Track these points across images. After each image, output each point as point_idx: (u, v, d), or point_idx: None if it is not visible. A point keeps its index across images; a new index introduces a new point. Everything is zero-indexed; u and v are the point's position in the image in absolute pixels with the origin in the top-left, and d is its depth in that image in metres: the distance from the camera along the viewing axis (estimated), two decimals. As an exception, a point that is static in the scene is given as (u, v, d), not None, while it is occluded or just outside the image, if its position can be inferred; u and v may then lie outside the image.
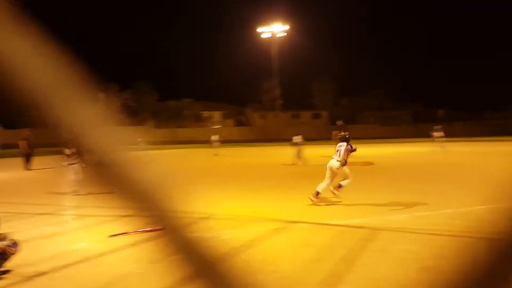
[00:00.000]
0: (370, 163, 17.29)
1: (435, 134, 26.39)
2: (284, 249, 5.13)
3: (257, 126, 63.66)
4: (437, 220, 6.34)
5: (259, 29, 55.17)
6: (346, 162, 8.10)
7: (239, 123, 67.05)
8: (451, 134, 47.46)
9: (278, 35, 54.54)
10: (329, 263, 4.49)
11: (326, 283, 3.98)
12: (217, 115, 67.66)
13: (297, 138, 17.95)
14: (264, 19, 53.83)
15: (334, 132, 21.42)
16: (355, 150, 8.31)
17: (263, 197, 9.14)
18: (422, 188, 9.81)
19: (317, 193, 8.00)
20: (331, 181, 8.17)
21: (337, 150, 8.22)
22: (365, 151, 23.01)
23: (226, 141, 42.75)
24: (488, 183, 10.62)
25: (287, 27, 53.69)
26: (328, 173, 8.19)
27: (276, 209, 7.69)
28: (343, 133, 8.49)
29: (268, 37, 55.47)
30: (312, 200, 7.97)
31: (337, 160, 8.10)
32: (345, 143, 8.20)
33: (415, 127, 57.14)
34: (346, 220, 6.55)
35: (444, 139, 25.85)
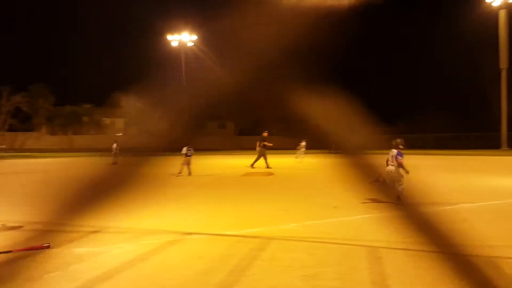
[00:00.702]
0: (270, 174, 17.92)
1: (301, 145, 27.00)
2: (176, 262, 5.08)
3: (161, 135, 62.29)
4: (323, 229, 6.74)
5: (168, 37, 54.34)
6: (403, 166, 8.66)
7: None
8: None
9: (188, 44, 54.19)
10: (220, 274, 4.55)
11: (214, 294, 4.03)
12: (119, 122, 65.15)
13: (185, 149, 17.70)
14: (174, 28, 53.07)
15: (258, 143, 21.85)
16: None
17: (160, 209, 8.99)
18: (313, 197, 10.37)
19: (398, 197, 8.31)
20: (398, 183, 8.62)
21: (391, 156, 8.90)
22: (270, 161, 23.63)
23: (129, 150, 41.21)
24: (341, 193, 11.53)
25: (194, 36, 53.57)
26: (388, 178, 8.72)
27: (172, 221, 7.61)
28: (399, 140, 9.13)
29: (177, 46, 54.91)
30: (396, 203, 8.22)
31: (392, 165, 8.83)
32: (395, 150, 8.92)
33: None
34: (242, 230, 6.68)
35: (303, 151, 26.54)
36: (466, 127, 50.96)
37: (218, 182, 15.36)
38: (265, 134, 21.52)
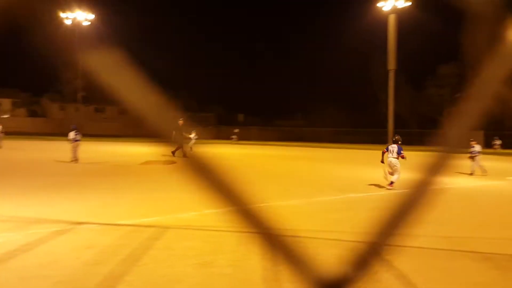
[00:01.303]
0: (173, 162, 17.59)
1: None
2: (64, 252, 4.81)
3: (55, 119, 58.18)
4: (221, 217, 6.82)
5: (62, 14, 50.46)
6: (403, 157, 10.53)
7: (33, 114, 60.24)
8: (248, 137, 51.94)
9: (82, 22, 50.81)
10: (110, 265, 4.40)
11: (103, 285, 3.89)
12: (6, 103, 59.44)
13: (72, 134, 16.78)
14: (68, 3, 49.25)
15: (175, 133, 20.84)
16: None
17: (48, 196, 8.42)
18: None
19: (392, 183, 10.43)
20: (396, 172, 10.40)
21: (391, 151, 10.67)
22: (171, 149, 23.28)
23: (16, 133, 37.93)
24: (273, 183, 11.94)
25: (91, 15, 50.38)
26: (388, 168, 10.75)
27: (61, 209, 7.16)
28: (397, 137, 11.06)
29: (71, 23, 51.22)
30: (388, 189, 10.37)
31: (393, 157, 10.53)
32: (395, 145, 10.72)
33: (218, 129, 60.48)
34: (137, 220, 6.51)
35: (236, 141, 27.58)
36: (359, 123, 54.78)
37: (114, 170, 14.76)
38: (181, 122, 20.82)
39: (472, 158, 15.68)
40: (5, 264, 4.36)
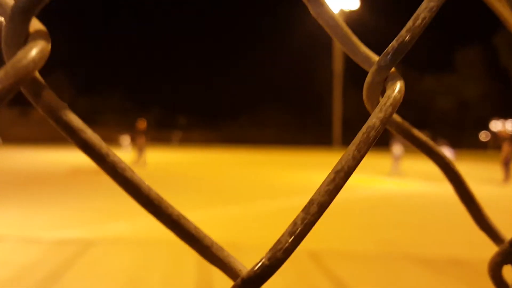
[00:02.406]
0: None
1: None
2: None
3: (-27, 123, 53.75)
4: (154, 227, 6.43)
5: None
6: None
7: None
8: (191, 140, 51.00)
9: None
10: (26, 284, 3.90)
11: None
12: None
13: None
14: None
15: (123, 137, 19.25)
16: None
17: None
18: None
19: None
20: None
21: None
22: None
23: None
24: (212, 189, 11.64)
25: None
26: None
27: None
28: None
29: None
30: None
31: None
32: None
33: (158, 131, 58.83)
34: (59, 232, 5.95)
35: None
36: (304, 124, 55.68)
37: (37, 179, 13.74)
38: (142, 124, 19.15)
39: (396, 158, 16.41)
40: None
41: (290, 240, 0.39)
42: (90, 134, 0.36)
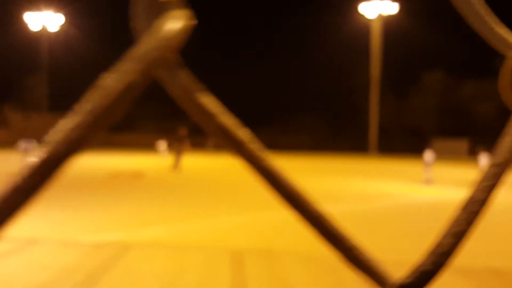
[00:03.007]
0: (140, 174, 17.04)
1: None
2: (15, 273, 4.38)
3: (17, 128, 56.16)
4: (188, 233, 6.50)
5: (26, 18, 48.88)
6: None
7: (-7, 124, 57.97)
8: (225, 146, 51.48)
9: (49, 27, 49.37)
10: (65, 287, 4.02)
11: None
12: None
13: (24, 145, 16.12)
14: (34, 7, 47.65)
15: (159, 142, 19.97)
16: None
17: None
18: (183, 199, 10.09)
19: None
20: None
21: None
22: (140, 161, 22.79)
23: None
24: (243, 195, 11.68)
25: (58, 19, 48.92)
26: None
27: (15, 225, 6.67)
28: None
29: (37, 29, 49.71)
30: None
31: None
32: None
33: (193, 137, 59.56)
34: (97, 236, 6.11)
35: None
36: (339, 131, 54.96)
37: (77, 183, 14.16)
38: (184, 131, 19.63)
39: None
40: None
41: (454, 242, 0.35)
42: (226, 119, 0.34)
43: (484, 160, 17.78)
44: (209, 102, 0.32)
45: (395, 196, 11.57)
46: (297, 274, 4.57)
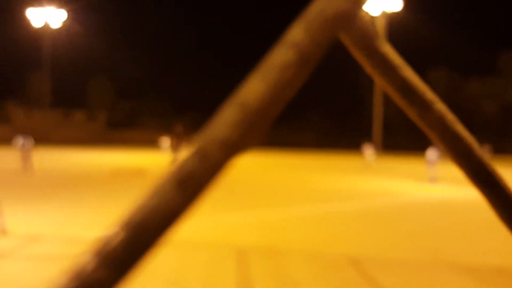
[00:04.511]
0: (142, 171, 17.03)
1: None
2: (25, 267, 4.43)
3: (19, 124, 56.32)
4: (194, 231, 6.52)
5: (29, 13, 48.66)
6: None
7: (-4, 120, 58.16)
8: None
9: (52, 23, 49.30)
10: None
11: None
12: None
13: (21, 141, 16.08)
14: (36, 3, 47.54)
15: (162, 138, 20.19)
16: None
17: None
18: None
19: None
20: None
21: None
22: (142, 157, 22.86)
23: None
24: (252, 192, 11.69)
25: (60, 15, 48.81)
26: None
27: (22, 221, 6.72)
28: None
29: (39, 24, 49.62)
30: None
31: None
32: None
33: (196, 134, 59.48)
34: (101, 233, 6.14)
35: None
36: (344, 128, 54.76)
37: (79, 180, 14.21)
38: (180, 128, 20.48)
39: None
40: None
41: None
42: (411, 73, 0.29)
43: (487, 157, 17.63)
44: (391, 52, 0.28)
45: (400, 194, 11.58)
46: (301, 271, 4.60)
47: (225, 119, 0.28)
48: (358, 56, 0.29)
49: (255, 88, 0.28)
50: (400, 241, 6.37)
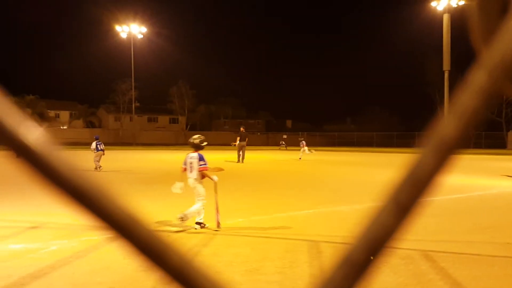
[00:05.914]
0: (220, 169, 17.66)
1: (301, 144, 27.85)
2: (116, 259, 4.93)
3: (111, 129, 60.66)
4: (269, 224, 6.78)
5: (117, 28, 52.55)
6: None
7: (90, 125, 63.13)
8: (297, 143, 51.96)
9: (137, 36, 52.70)
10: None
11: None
12: (64, 115, 62.66)
13: (94, 144, 17.03)
14: (123, 18, 51.24)
15: (234, 139, 22.89)
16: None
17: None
18: (265, 193, 10.42)
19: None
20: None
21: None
22: (219, 156, 23.73)
23: (74, 144, 40.00)
24: (323, 189, 11.77)
25: (144, 28, 52.24)
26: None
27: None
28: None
29: (126, 37, 53.21)
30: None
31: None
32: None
33: (267, 135, 60.62)
34: (185, 225, 6.58)
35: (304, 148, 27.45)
36: (411, 126, 52.96)
37: (163, 176, 15.10)
38: (242, 129, 23.30)
39: None
40: (58, 271, 4.52)
41: None
42: None
43: None
44: None
45: (478, 188, 11.00)
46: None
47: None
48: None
49: (450, 127, 0.32)
50: (478, 235, 6.13)
